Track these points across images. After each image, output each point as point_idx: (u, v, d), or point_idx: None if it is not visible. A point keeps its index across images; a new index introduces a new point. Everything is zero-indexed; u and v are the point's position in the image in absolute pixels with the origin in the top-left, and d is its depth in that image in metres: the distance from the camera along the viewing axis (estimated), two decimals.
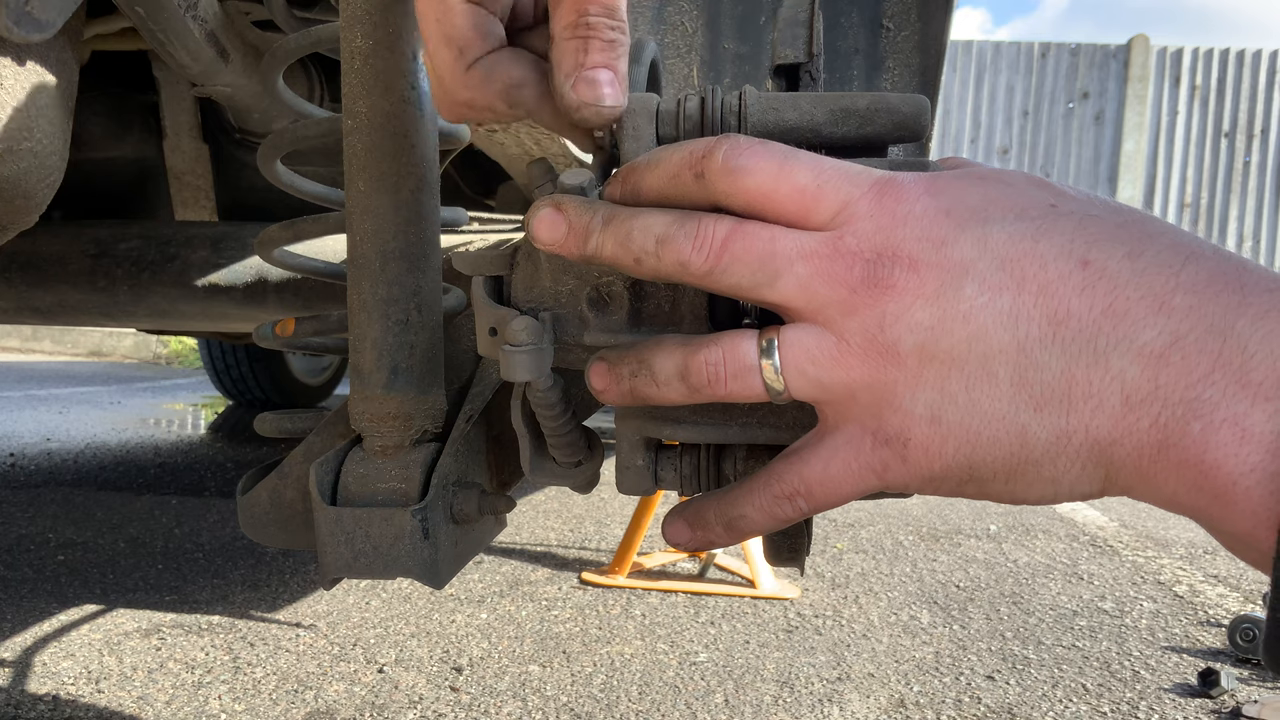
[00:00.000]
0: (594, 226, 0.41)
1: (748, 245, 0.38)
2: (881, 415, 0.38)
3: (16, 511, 2.64)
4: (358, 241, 0.57)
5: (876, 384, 0.37)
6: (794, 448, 0.42)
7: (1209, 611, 2.19)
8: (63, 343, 8.87)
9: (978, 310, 0.36)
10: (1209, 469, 0.33)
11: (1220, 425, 0.33)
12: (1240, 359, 0.33)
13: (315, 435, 0.63)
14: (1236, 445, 0.33)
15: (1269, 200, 8.99)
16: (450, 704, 1.51)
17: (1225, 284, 0.34)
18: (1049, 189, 0.39)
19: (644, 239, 0.40)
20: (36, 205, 0.87)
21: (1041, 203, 0.38)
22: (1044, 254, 0.36)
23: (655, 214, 0.40)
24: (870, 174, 0.39)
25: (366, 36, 0.55)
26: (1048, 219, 0.37)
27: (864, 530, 2.84)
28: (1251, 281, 0.34)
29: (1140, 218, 0.37)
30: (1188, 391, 0.33)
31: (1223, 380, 0.33)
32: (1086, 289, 0.35)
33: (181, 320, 1.57)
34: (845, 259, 0.37)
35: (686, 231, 0.39)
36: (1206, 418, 0.33)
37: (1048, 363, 0.35)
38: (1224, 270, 0.35)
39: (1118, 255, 0.35)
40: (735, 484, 0.44)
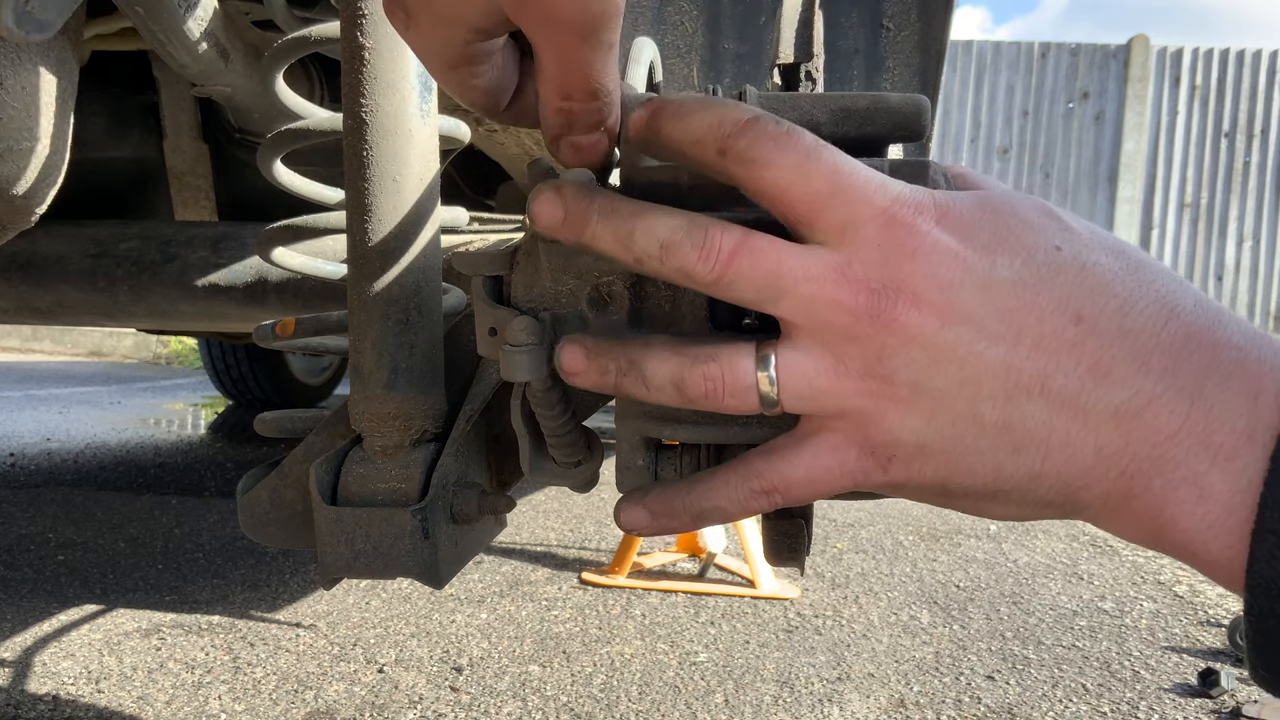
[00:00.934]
0: (591, 216, 0.41)
1: (755, 262, 0.39)
2: (869, 432, 0.39)
3: (16, 511, 2.64)
4: (358, 241, 0.57)
5: (868, 407, 0.39)
6: (773, 444, 0.42)
7: (1209, 611, 2.19)
8: (63, 343, 8.87)
9: (974, 357, 0.37)
10: (1168, 522, 0.37)
11: (1180, 483, 0.36)
12: (1205, 420, 0.36)
13: (315, 435, 0.63)
14: (1195, 503, 0.36)
15: (1269, 200, 8.99)
16: (450, 704, 1.51)
17: (1199, 343, 0.37)
18: (1056, 223, 0.40)
19: (647, 242, 0.40)
20: (37, 205, 0.87)
21: (1048, 244, 0.39)
22: (1042, 307, 0.38)
23: (660, 216, 0.40)
24: (887, 191, 0.39)
25: (366, 36, 0.55)
26: (1051, 267, 0.38)
27: (864, 530, 2.84)
28: (1224, 339, 0.37)
29: (1135, 263, 0.39)
30: (1154, 450, 0.36)
31: (1187, 441, 0.36)
32: (1076, 345, 0.37)
33: (181, 320, 1.57)
34: (851, 287, 0.38)
35: (694, 241, 0.39)
36: (1168, 475, 0.36)
37: (1032, 413, 0.37)
38: (1200, 328, 0.37)
39: (1109, 310, 0.37)
40: (705, 475, 0.44)
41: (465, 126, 0.84)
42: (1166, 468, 0.36)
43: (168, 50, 0.93)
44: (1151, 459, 0.36)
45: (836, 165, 0.39)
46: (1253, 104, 8.99)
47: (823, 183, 0.39)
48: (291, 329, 0.80)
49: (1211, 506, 0.36)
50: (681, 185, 0.44)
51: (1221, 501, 0.35)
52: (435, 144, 0.58)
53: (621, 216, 0.40)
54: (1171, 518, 0.36)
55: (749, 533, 2.20)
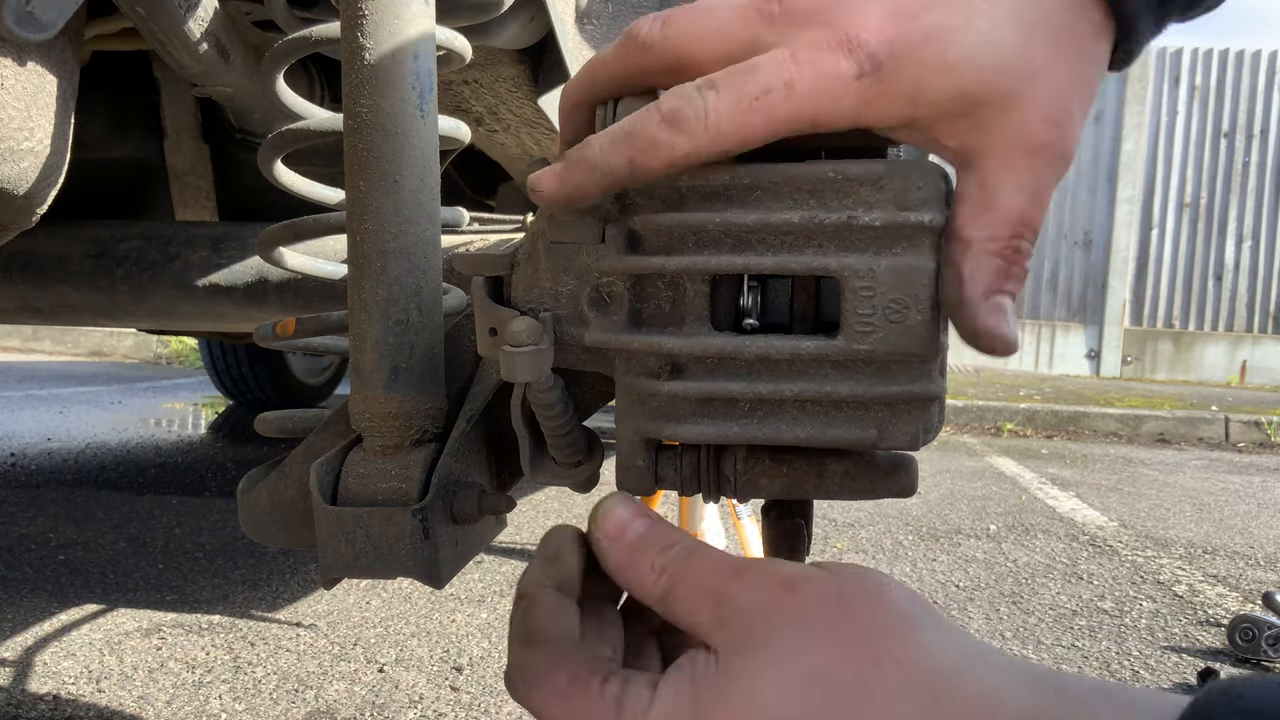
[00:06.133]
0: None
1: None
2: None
3: (17, 511, 2.64)
4: (358, 241, 0.57)
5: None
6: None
7: (1208, 611, 2.19)
8: (63, 343, 8.87)
9: None
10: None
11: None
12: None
13: (315, 435, 0.63)
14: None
15: (1269, 200, 8.99)
16: (450, 703, 1.51)
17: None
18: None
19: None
20: (37, 205, 0.87)
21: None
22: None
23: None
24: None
25: (366, 36, 0.55)
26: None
27: (864, 530, 2.84)
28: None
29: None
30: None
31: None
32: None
33: (182, 320, 1.57)
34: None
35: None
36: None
37: None
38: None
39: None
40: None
41: (465, 127, 0.84)
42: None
43: (168, 50, 0.93)
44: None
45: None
46: (1253, 104, 8.98)
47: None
48: (292, 329, 0.80)
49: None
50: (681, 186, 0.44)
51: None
52: (435, 144, 0.58)
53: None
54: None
55: (749, 533, 2.20)
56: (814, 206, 0.43)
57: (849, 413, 0.44)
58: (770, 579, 0.40)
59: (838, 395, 0.44)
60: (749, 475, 0.48)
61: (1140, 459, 4.80)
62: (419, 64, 0.57)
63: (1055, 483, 3.91)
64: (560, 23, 1.14)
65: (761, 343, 0.44)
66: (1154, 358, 9.18)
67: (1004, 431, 5.66)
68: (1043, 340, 9.29)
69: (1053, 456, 4.77)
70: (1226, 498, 3.74)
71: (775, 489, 0.48)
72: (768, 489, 0.48)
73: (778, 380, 0.44)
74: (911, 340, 0.42)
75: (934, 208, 0.42)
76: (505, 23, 1.07)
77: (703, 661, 0.39)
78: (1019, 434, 5.64)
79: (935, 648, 0.37)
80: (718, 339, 0.44)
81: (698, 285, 0.45)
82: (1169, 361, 9.17)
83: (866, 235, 0.42)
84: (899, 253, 0.42)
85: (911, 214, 0.41)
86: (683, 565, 0.42)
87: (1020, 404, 5.95)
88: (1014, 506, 3.36)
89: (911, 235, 0.42)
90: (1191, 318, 9.17)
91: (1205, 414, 5.78)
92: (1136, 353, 9.21)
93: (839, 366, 0.43)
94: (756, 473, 0.48)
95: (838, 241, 0.42)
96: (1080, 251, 9.22)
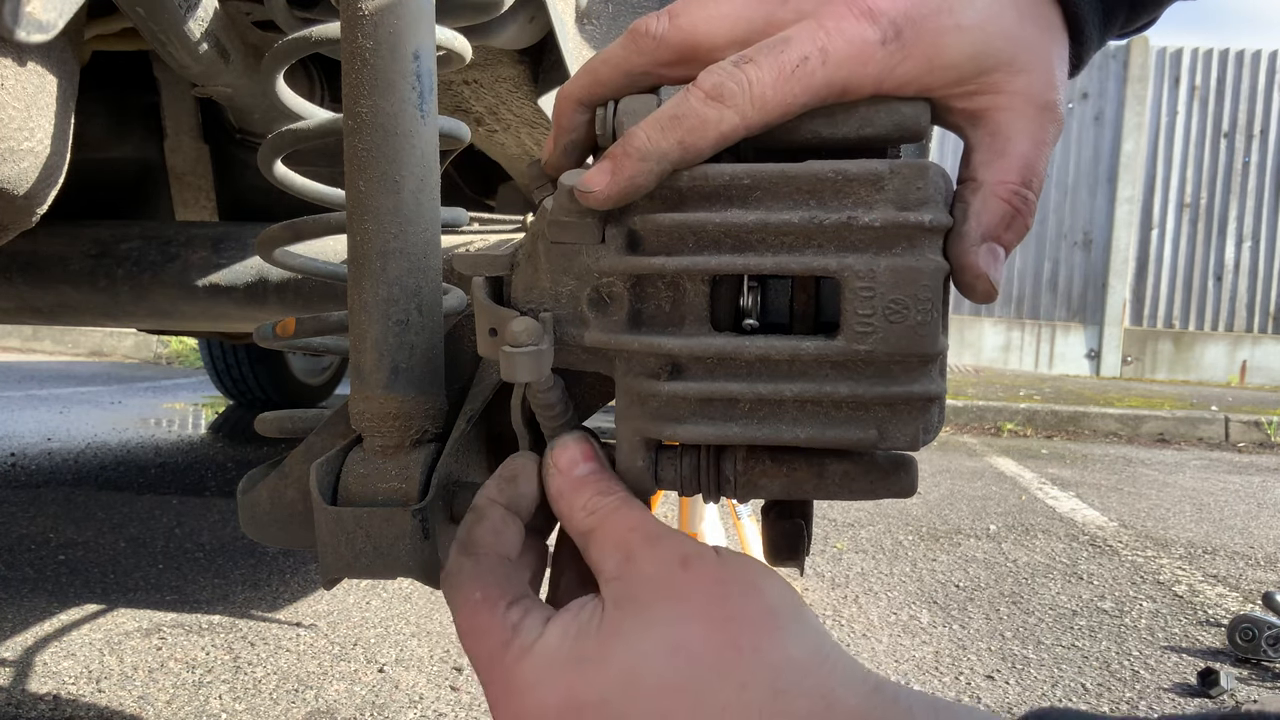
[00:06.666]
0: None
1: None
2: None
3: (17, 511, 2.64)
4: (358, 242, 0.57)
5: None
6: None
7: (1208, 611, 2.19)
8: (63, 343, 8.87)
9: None
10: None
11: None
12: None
13: (316, 435, 0.63)
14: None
15: (1269, 200, 8.99)
16: (450, 703, 1.51)
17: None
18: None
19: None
20: (38, 205, 0.87)
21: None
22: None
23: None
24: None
25: (366, 36, 0.55)
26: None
27: (864, 530, 2.85)
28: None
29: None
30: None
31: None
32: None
33: (182, 320, 1.57)
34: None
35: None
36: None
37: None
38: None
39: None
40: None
41: (465, 127, 0.84)
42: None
43: (168, 51, 0.93)
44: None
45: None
46: (1253, 104, 8.98)
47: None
48: (292, 329, 0.80)
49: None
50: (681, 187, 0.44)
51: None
52: (435, 144, 0.58)
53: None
54: None
55: (749, 532, 2.20)
56: (814, 206, 0.43)
57: (849, 413, 0.44)
58: (672, 554, 0.43)
59: (838, 395, 0.44)
60: (749, 475, 0.48)
61: (1140, 459, 4.80)
62: (419, 64, 0.56)
63: (1055, 483, 3.91)
64: (560, 23, 1.14)
65: (761, 343, 0.44)
66: (1154, 358, 9.18)
67: (1004, 431, 5.66)
68: (1043, 340, 9.29)
69: (1053, 456, 4.77)
70: (1226, 498, 3.74)
71: (775, 489, 0.48)
72: (768, 489, 0.48)
73: (778, 380, 0.44)
74: (911, 340, 0.42)
75: (934, 208, 0.42)
76: (505, 23, 1.07)
77: (590, 609, 0.43)
78: (1019, 434, 5.65)
79: (791, 644, 0.40)
80: (718, 339, 0.44)
81: (698, 285, 0.45)
82: (1169, 361, 9.17)
83: (866, 235, 0.42)
84: (899, 253, 0.42)
85: (911, 214, 0.41)
86: (609, 514, 0.45)
87: (1020, 404, 5.95)
88: (1014, 506, 3.36)
89: (911, 235, 0.42)
90: (1191, 318, 9.17)
91: (1205, 414, 5.78)
92: (1136, 353, 9.21)
93: (839, 367, 0.43)
94: (756, 473, 0.48)
95: (838, 241, 0.42)
96: (1080, 251, 9.22)
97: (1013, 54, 0.43)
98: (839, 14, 0.42)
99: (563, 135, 0.48)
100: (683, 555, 0.43)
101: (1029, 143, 0.44)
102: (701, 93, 0.42)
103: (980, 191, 0.44)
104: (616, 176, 0.42)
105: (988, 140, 0.44)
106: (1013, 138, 0.44)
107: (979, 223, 0.43)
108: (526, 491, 0.49)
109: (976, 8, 0.42)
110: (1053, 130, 0.44)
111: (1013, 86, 0.43)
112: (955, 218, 0.44)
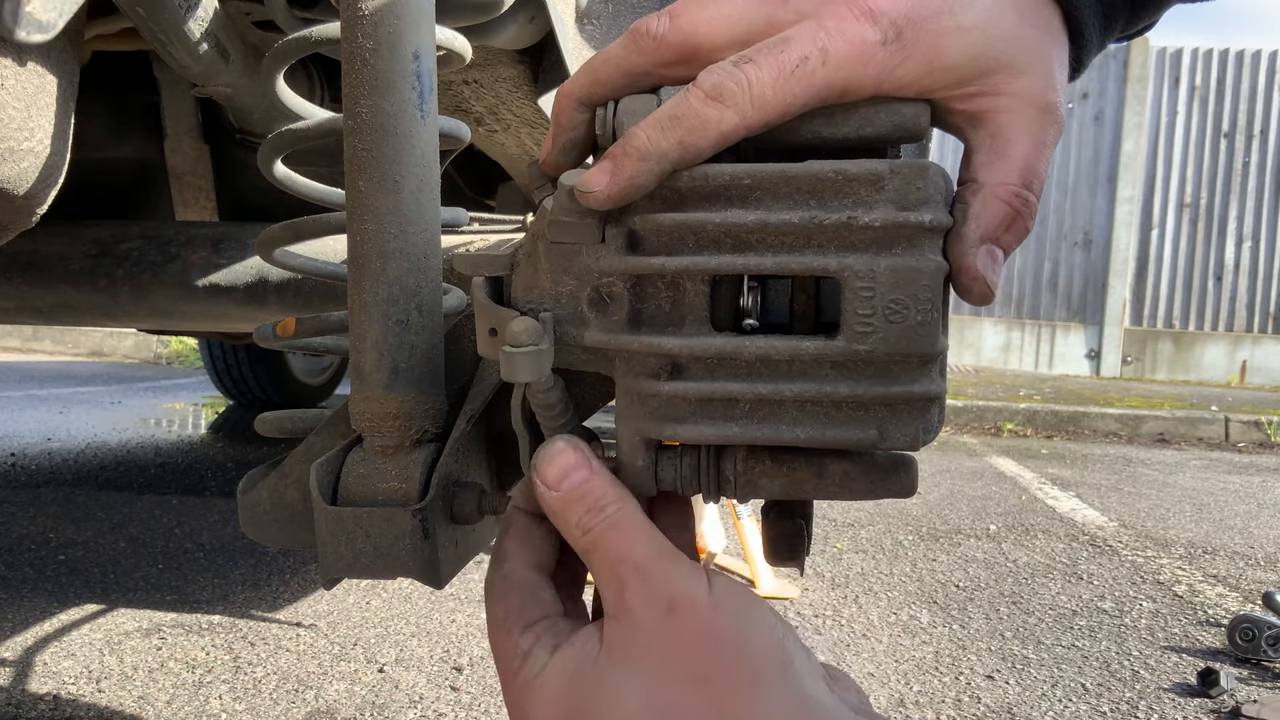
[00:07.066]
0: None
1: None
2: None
3: (17, 511, 2.64)
4: (358, 242, 0.57)
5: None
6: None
7: (1208, 611, 2.20)
8: (63, 343, 8.87)
9: None
10: None
11: None
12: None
13: (316, 435, 0.63)
14: None
15: (1269, 200, 8.99)
16: (450, 703, 1.51)
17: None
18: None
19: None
20: (38, 205, 0.87)
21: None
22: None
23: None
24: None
25: (366, 36, 0.55)
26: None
27: (864, 530, 2.85)
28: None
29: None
30: None
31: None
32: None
33: (182, 320, 1.57)
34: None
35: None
36: None
37: None
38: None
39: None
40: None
41: (465, 127, 0.84)
42: None
43: (168, 51, 0.93)
44: None
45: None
46: (1253, 104, 8.98)
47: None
48: (292, 329, 0.80)
49: None
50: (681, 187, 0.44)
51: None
52: (435, 144, 0.58)
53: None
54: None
55: (749, 533, 2.20)
56: (814, 207, 0.43)
57: (849, 413, 0.44)
58: (660, 596, 0.43)
59: (838, 395, 0.44)
60: (749, 475, 0.48)
61: (1140, 459, 4.80)
62: (419, 64, 0.56)
63: (1055, 483, 3.91)
64: (560, 23, 1.14)
65: (762, 343, 0.44)
66: (1154, 358, 9.18)
67: (1004, 431, 5.66)
68: (1043, 340, 9.29)
69: (1053, 456, 4.77)
70: (1226, 498, 3.74)
71: (775, 489, 0.48)
72: (768, 489, 0.48)
73: (778, 380, 0.44)
74: (911, 340, 0.42)
75: (934, 208, 0.42)
76: (505, 23, 1.07)
77: (591, 649, 0.44)
78: (1019, 434, 5.65)
79: (773, 707, 0.41)
80: (718, 339, 0.44)
81: (698, 285, 0.45)
82: (1169, 361, 9.17)
83: (866, 235, 0.42)
84: (899, 253, 0.42)
85: (911, 214, 0.41)
86: (602, 536, 0.44)
87: (1020, 404, 5.95)
88: (1014, 506, 3.36)
89: (911, 235, 0.42)
90: (1191, 318, 9.17)
91: (1205, 414, 5.78)
92: (1136, 353, 9.21)
93: (839, 367, 0.43)
94: (756, 473, 0.48)
95: (838, 241, 0.42)
96: (1080, 251, 9.22)
97: (1013, 56, 0.43)
98: (839, 14, 0.42)
99: (562, 134, 0.48)
100: (669, 600, 0.43)
101: (1029, 145, 0.44)
102: (701, 92, 0.42)
103: (980, 193, 0.44)
104: (616, 176, 0.42)
105: (988, 142, 0.44)
106: (1013, 139, 0.44)
107: (978, 224, 0.43)
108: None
109: (977, 9, 0.42)
110: (1053, 132, 0.44)
111: (1013, 89, 0.43)
112: (955, 219, 0.44)
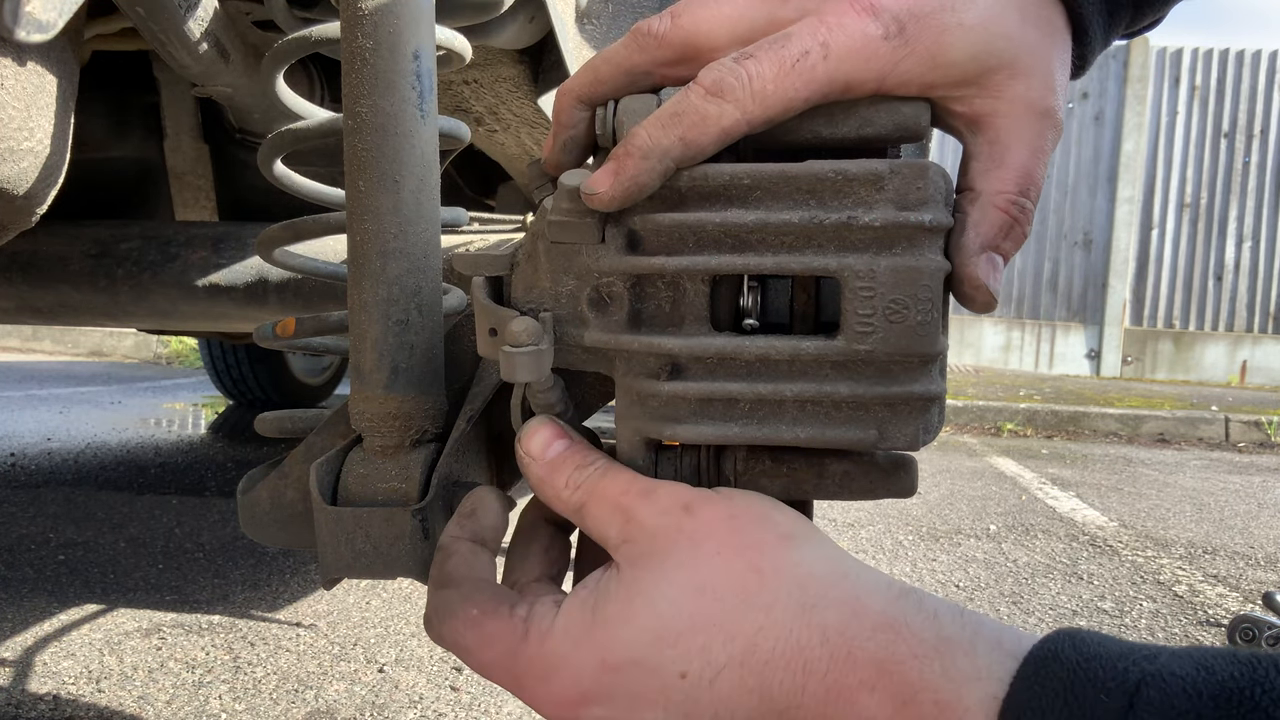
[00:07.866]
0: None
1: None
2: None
3: (17, 511, 2.64)
4: (358, 242, 0.57)
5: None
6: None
7: (1209, 611, 2.19)
8: (63, 343, 8.87)
9: None
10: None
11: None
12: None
13: (315, 435, 0.63)
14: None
15: (1269, 200, 8.99)
16: (450, 704, 1.51)
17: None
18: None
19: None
20: (37, 205, 0.87)
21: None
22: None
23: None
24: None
25: (366, 36, 0.55)
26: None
27: (864, 530, 2.85)
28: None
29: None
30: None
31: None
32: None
33: (182, 320, 1.57)
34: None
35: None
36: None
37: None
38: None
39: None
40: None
41: (465, 127, 0.84)
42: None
43: (168, 50, 0.93)
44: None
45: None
46: (1253, 104, 8.98)
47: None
48: (292, 329, 0.80)
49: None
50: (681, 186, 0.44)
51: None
52: (435, 144, 0.58)
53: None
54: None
55: None
56: (814, 206, 0.43)
57: (849, 413, 0.44)
58: (673, 501, 0.43)
59: (838, 395, 0.44)
60: (749, 475, 0.48)
61: (1140, 459, 4.80)
62: (419, 64, 0.56)
63: (1055, 483, 3.91)
64: (560, 23, 1.15)
65: (762, 343, 0.44)
66: (1154, 358, 9.18)
67: (1004, 431, 5.66)
68: (1043, 340, 9.29)
69: (1053, 456, 4.77)
70: (1226, 498, 3.74)
71: (775, 489, 0.48)
72: (768, 489, 0.48)
73: (778, 380, 0.44)
74: (911, 340, 0.42)
75: (934, 207, 0.42)
76: (505, 23, 1.07)
77: (605, 578, 0.43)
78: (1019, 434, 5.64)
79: (811, 560, 0.41)
80: (718, 339, 0.44)
81: (698, 285, 0.45)
82: (1169, 361, 9.16)
83: (866, 235, 0.42)
84: (899, 253, 0.42)
85: (911, 214, 0.41)
86: (597, 483, 0.45)
87: (1020, 404, 5.95)
88: (1014, 506, 3.36)
89: (911, 235, 0.42)
90: (1191, 318, 9.17)
91: (1205, 414, 5.78)
92: (1136, 353, 9.21)
93: (839, 367, 0.43)
94: (756, 473, 0.48)
95: (838, 241, 0.42)
96: (1080, 251, 9.22)
97: (1014, 56, 0.43)
98: (841, 10, 0.42)
99: (562, 132, 0.48)
100: (684, 502, 0.43)
101: (1027, 151, 0.44)
102: (702, 89, 0.42)
103: (978, 202, 0.44)
104: (620, 176, 0.42)
105: (986, 149, 0.45)
106: (1011, 146, 0.44)
107: (977, 233, 0.44)
108: (489, 523, 0.49)
109: (979, 7, 0.42)
110: (1051, 137, 0.45)
111: (1012, 91, 0.43)
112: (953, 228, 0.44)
